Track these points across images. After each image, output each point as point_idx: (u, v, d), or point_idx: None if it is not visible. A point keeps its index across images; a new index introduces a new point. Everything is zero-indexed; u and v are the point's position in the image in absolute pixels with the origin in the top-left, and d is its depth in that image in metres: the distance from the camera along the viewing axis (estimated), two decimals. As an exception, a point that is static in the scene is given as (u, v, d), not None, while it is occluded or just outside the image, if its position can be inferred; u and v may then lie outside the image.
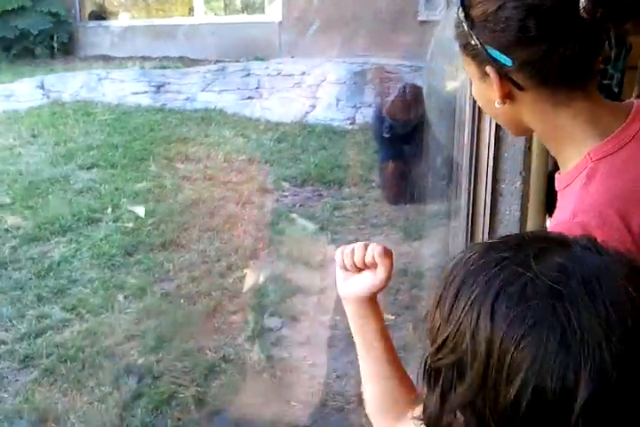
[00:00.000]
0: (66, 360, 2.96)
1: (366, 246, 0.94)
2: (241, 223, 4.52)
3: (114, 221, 4.61)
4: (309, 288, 3.56)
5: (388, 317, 3.24)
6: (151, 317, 3.37)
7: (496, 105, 0.93)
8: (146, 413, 2.53)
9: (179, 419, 2.54)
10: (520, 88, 0.90)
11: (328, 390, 2.65)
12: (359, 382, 2.81)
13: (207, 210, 4.87)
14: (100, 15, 11.48)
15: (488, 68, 0.90)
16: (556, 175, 0.98)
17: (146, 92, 8.71)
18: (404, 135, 4.60)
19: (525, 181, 1.78)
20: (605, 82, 2.02)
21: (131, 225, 4.54)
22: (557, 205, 0.95)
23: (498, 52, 0.88)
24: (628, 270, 0.59)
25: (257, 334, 3.16)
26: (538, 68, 0.88)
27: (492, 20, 0.88)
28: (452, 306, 0.61)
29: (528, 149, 1.78)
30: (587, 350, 0.53)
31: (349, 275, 0.96)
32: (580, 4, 0.83)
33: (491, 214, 1.74)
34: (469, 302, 0.59)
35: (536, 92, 0.91)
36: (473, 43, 0.90)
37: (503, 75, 0.90)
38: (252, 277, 3.68)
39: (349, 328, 3.16)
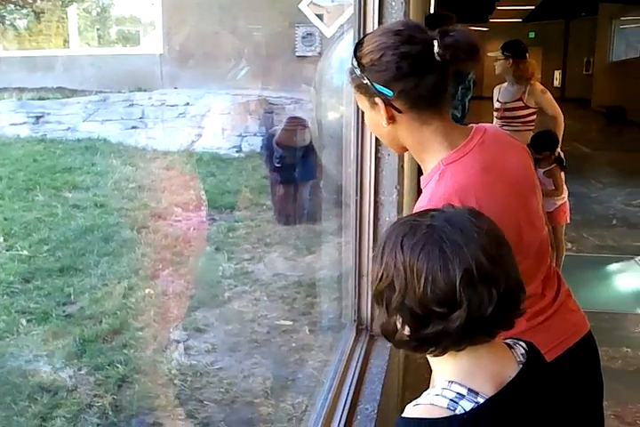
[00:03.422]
0: (-26, 381, 3.03)
1: None
2: (138, 247, 4.70)
3: (7, 250, 4.64)
4: (211, 302, 3.84)
5: (286, 322, 3.57)
6: (58, 337, 3.48)
7: (383, 125, 1.30)
8: (65, 421, 2.70)
9: (98, 425, 2.72)
10: (399, 111, 1.28)
11: (237, 389, 2.93)
12: (265, 379, 3.12)
13: (102, 236, 5.00)
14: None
15: (377, 99, 1.28)
16: (421, 178, 1.37)
17: (25, 122, 8.60)
18: (292, 161, 5.05)
19: (400, 193, 2.20)
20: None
21: (25, 253, 4.60)
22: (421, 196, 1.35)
23: (382, 87, 1.26)
24: (469, 211, 1.01)
25: (164, 346, 3.38)
26: (410, 96, 1.27)
27: (377, 64, 1.26)
28: (382, 255, 0.98)
29: (401, 167, 2.20)
30: (454, 253, 0.92)
31: None
32: (435, 50, 1.23)
33: (374, 220, 2.14)
34: (389, 249, 0.97)
35: (409, 115, 1.29)
36: (364, 82, 1.28)
37: (387, 103, 1.28)
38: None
39: (252, 335, 3.59)
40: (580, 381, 1.41)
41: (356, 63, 1.29)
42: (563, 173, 4.11)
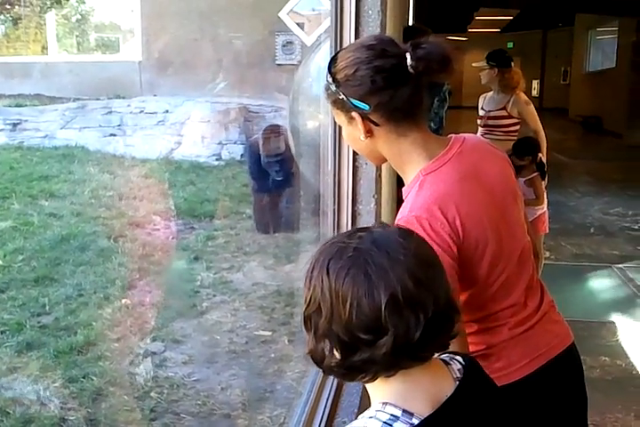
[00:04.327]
0: (-55, 396, 2.96)
1: None
2: (114, 256, 4.64)
3: (-19, 260, 4.56)
4: (189, 312, 3.79)
5: (265, 333, 3.54)
6: (32, 349, 3.42)
7: (361, 139, 1.30)
8: (38, 436, 2.64)
9: (71, 439, 2.67)
10: (376, 124, 1.29)
11: (214, 401, 2.89)
12: (243, 391, 3.08)
13: (78, 245, 4.93)
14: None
15: (354, 114, 1.29)
16: (402, 189, 1.37)
17: (1, 130, 8.49)
18: (277, 170, 5.05)
19: (378, 203, 2.19)
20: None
21: (0, 263, 4.52)
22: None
23: (358, 101, 1.27)
24: (399, 231, 0.98)
25: (140, 358, 3.32)
26: (386, 109, 1.28)
27: (352, 79, 1.27)
28: (310, 279, 0.95)
29: (379, 176, 2.19)
30: (379, 277, 0.89)
31: None
32: (408, 63, 1.24)
33: (352, 230, 2.12)
34: (316, 273, 0.94)
35: (387, 127, 1.30)
36: (340, 97, 1.29)
37: (364, 117, 1.28)
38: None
39: (230, 345, 3.56)
40: (563, 392, 1.41)
41: (331, 79, 1.30)
42: (544, 183, 4.12)
